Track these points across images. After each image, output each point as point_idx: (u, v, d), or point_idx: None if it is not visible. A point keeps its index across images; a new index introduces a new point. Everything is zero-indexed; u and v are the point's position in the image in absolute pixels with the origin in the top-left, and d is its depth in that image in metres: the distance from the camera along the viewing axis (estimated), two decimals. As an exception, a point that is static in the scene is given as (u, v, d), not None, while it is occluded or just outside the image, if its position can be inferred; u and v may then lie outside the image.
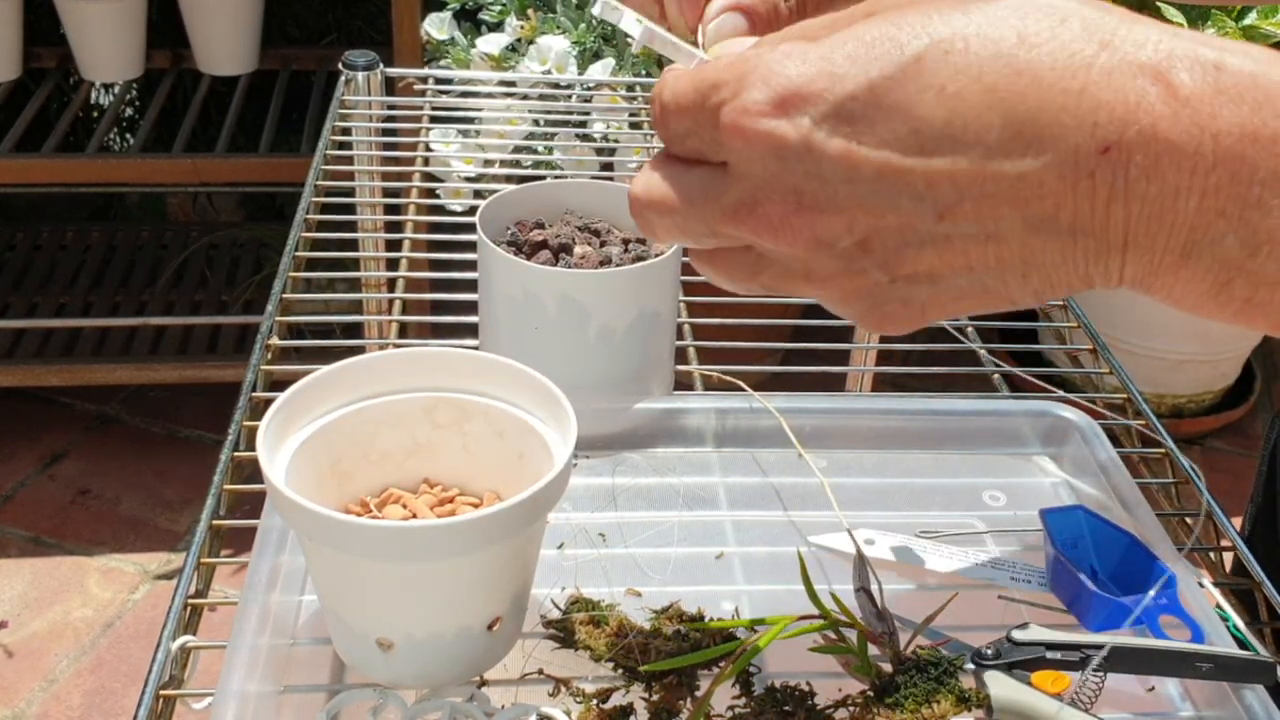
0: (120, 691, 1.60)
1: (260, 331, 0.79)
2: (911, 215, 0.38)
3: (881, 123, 0.37)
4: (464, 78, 1.23)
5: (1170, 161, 0.36)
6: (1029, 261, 0.38)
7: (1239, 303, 0.38)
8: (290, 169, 1.81)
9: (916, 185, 0.37)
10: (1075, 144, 0.36)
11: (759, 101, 0.39)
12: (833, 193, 0.39)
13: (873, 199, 0.38)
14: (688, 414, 0.71)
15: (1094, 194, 0.36)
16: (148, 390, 2.09)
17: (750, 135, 0.39)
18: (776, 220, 0.40)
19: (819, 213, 0.39)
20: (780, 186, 0.39)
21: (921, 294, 0.40)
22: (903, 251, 0.39)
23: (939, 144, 0.37)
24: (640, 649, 0.54)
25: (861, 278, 0.40)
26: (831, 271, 0.41)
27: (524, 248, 0.71)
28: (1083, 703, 0.52)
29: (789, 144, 0.38)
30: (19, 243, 2.17)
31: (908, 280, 0.40)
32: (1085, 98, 0.36)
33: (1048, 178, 0.36)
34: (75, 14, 1.91)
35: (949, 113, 0.37)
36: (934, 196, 0.37)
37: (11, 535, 1.83)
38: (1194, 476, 0.71)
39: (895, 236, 0.39)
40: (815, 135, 0.38)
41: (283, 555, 0.58)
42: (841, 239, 0.39)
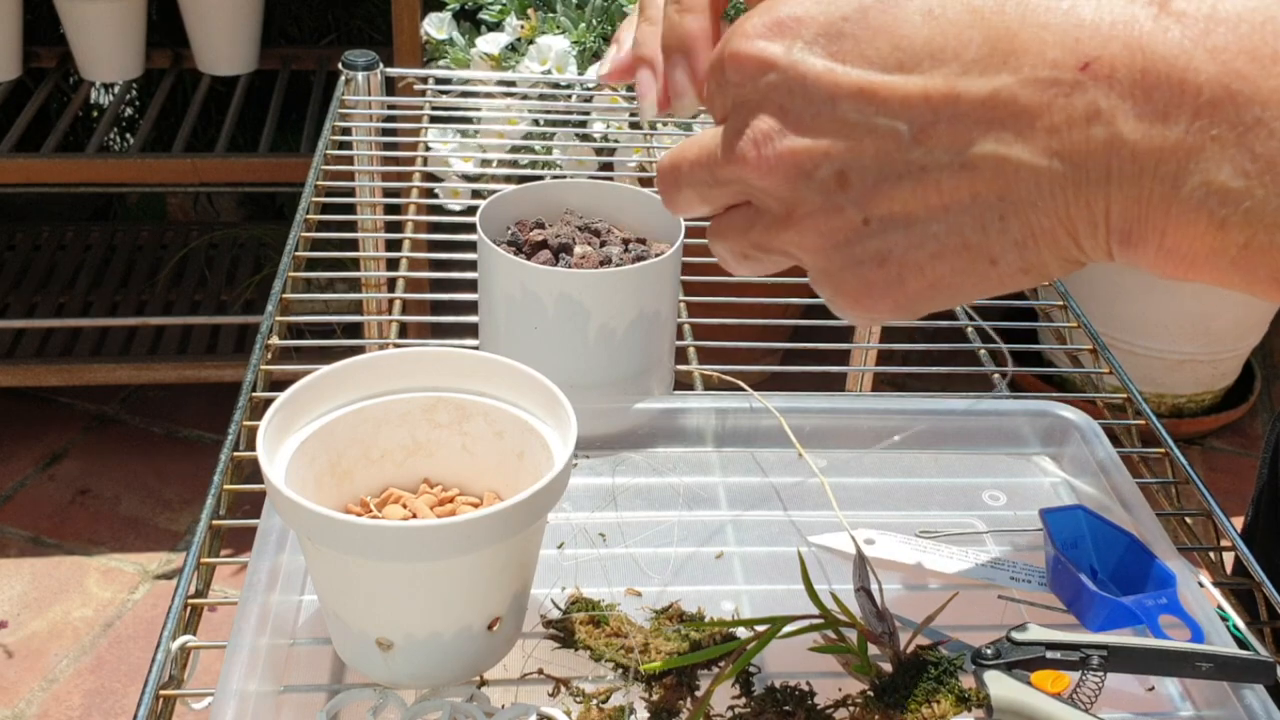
0: (120, 691, 1.60)
1: (260, 331, 0.79)
2: (887, 138, 0.38)
3: (866, 41, 0.38)
4: (464, 77, 1.23)
5: (1157, 76, 0.34)
6: (1004, 198, 0.37)
7: (1236, 249, 0.34)
8: (290, 169, 1.81)
9: (892, 104, 0.37)
10: (1053, 59, 0.35)
11: (756, 25, 0.40)
12: (815, 113, 0.39)
13: (852, 119, 0.38)
14: (687, 414, 0.71)
15: (1071, 111, 0.35)
16: (147, 390, 2.09)
17: (743, 56, 0.40)
18: (760, 139, 0.40)
19: (801, 133, 0.39)
20: (768, 105, 0.40)
21: (896, 245, 0.39)
22: (880, 186, 0.39)
23: (918, 61, 0.37)
24: (640, 649, 0.54)
25: (838, 216, 0.40)
26: (810, 208, 0.40)
27: (524, 247, 0.71)
28: (1083, 702, 0.52)
29: (777, 61, 0.39)
30: (18, 242, 2.17)
31: (881, 223, 0.39)
32: (1069, 15, 0.35)
33: (1022, 92, 0.35)
34: (75, 14, 1.91)
35: (931, 31, 0.37)
36: (909, 116, 0.37)
37: (11, 535, 1.83)
38: (1194, 476, 0.71)
39: (873, 168, 0.39)
40: (801, 52, 0.39)
41: (282, 555, 0.58)
42: (821, 166, 0.39)
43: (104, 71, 1.99)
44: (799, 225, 0.41)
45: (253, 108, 2.04)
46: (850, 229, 0.40)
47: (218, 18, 1.96)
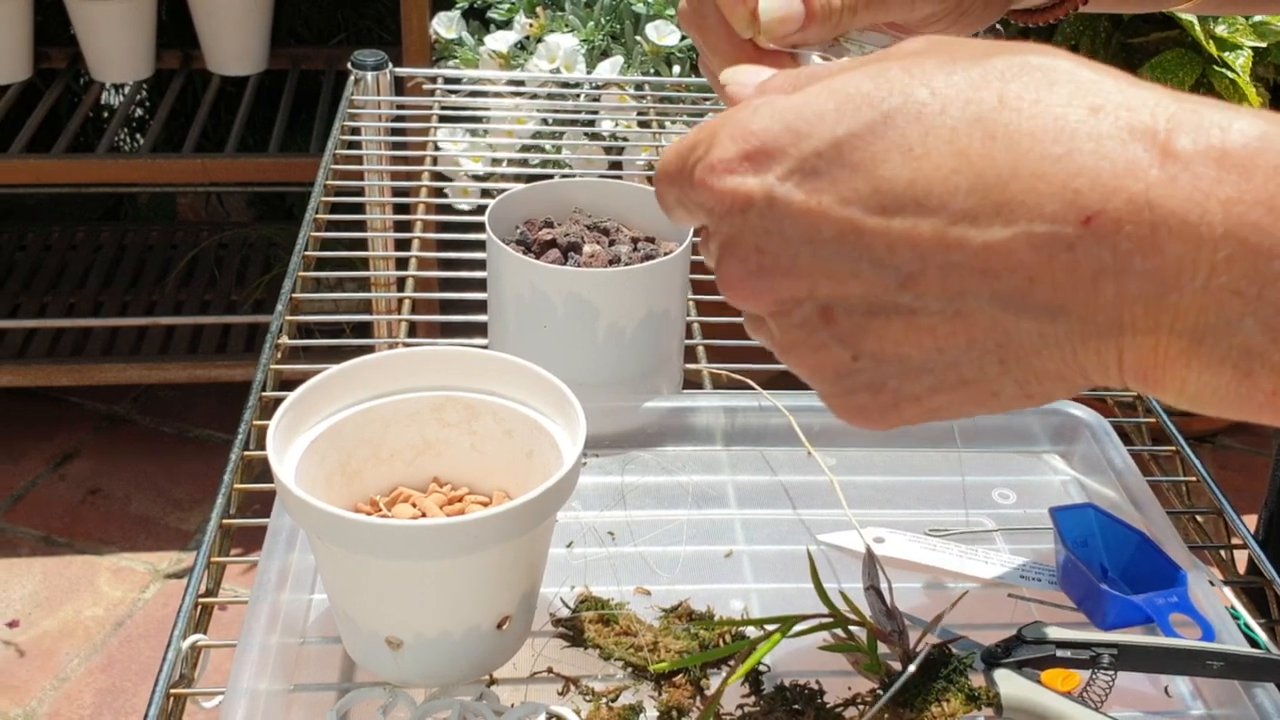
0: (131, 690, 1.60)
1: (270, 331, 0.79)
2: (873, 282, 0.36)
3: (844, 180, 0.35)
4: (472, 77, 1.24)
5: (1169, 232, 0.32)
6: (1003, 345, 0.35)
7: (1264, 395, 0.33)
8: (300, 169, 1.81)
9: (877, 249, 0.35)
10: (1051, 212, 0.32)
11: (725, 158, 0.38)
12: (794, 253, 0.37)
13: (834, 262, 0.36)
14: (697, 412, 0.71)
15: (1075, 269, 0.33)
16: (158, 390, 2.10)
17: (715, 191, 0.38)
18: (736, 280, 0.39)
19: (780, 275, 0.37)
20: (743, 244, 0.38)
21: (891, 379, 0.38)
22: (867, 324, 0.37)
23: (901, 205, 0.35)
24: (649, 647, 0.54)
25: (824, 353, 0.38)
26: (795, 340, 0.39)
27: (533, 246, 0.71)
28: (1093, 701, 0.51)
29: (751, 199, 0.37)
30: (29, 243, 2.18)
31: (874, 359, 0.37)
32: (1065, 163, 0.33)
33: (1019, 248, 0.33)
34: (85, 14, 1.92)
35: (913, 174, 0.34)
36: (895, 262, 0.35)
37: (22, 534, 1.83)
38: (1204, 474, 0.71)
39: (860, 306, 0.37)
40: (778, 190, 0.36)
41: (292, 554, 0.58)
42: (803, 305, 0.38)
43: (114, 72, 1.99)
44: (785, 353, 0.40)
45: (262, 108, 2.05)
46: (839, 363, 0.38)
47: (227, 18, 1.96)
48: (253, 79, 2.03)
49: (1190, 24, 1.59)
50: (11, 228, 2.22)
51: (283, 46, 2.12)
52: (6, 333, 1.95)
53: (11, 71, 1.96)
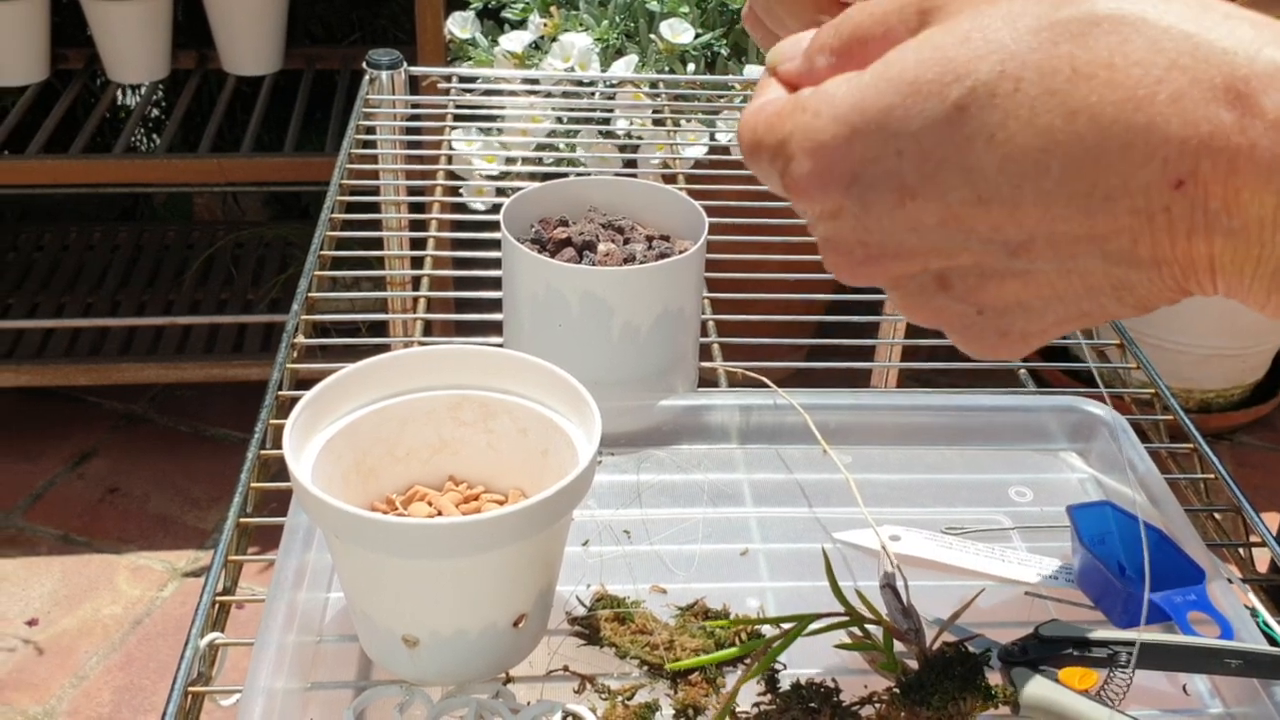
0: (149, 688, 1.61)
1: (286, 330, 0.80)
2: (983, 255, 0.37)
3: (932, 175, 0.35)
4: (487, 76, 1.24)
5: (1252, 194, 0.33)
6: (1119, 287, 0.36)
7: None
8: (315, 168, 1.82)
9: (981, 230, 0.36)
10: (1145, 182, 0.33)
11: (802, 176, 0.38)
12: (899, 241, 0.37)
13: (941, 243, 0.37)
14: (712, 410, 0.71)
15: (1171, 228, 0.34)
16: (175, 389, 2.11)
17: (804, 202, 0.39)
18: (846, 270, 0.39)
19: (889, 259, 0.38)
20: (846, 241, 0.38)
21: (1016, 323, 0.39)
22: (983, 285, 0.38)
23: (996, 191, 0.35)
24: (665, 646, 0.54)
25: (947, 311, 0.39)
26: (915, 304, 0.40)
27: (548, 245, 0.72)
28: (1111, 699, 0.51)
29: (843, 212, 0.37)
30: (47, 243, 2.19)
31: (996, 311, 0.38)
32: (1151, 133, 0.33)
33: (1119, 214, 0.34)
34: (101, 15, 1.92)
35: (1001, 159, 0.34)
36: (1002, 238, 0.36)
37: (41, 534, 1.84)
38: (1222, 472, 0.70)
39: (973, 273, 0.38)
40: (868, 198, 0.37)
41: (309, 553, 0.58)
42: (917, 277, 0.39)
43: (131, 73, 2.00)
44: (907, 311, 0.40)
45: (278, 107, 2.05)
46: (962, 318, 0.39)
47: (243, 18, 1.97)
48: (268, 79, 2.04)
49: None
50: (29, 228, 2.23)
51: (298, 46, 2.12)
52: (25, 332, 1.96)
53: (29, 72, 1.97)
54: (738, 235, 0.95)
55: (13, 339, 1.94)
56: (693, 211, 0.72)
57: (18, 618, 1.70)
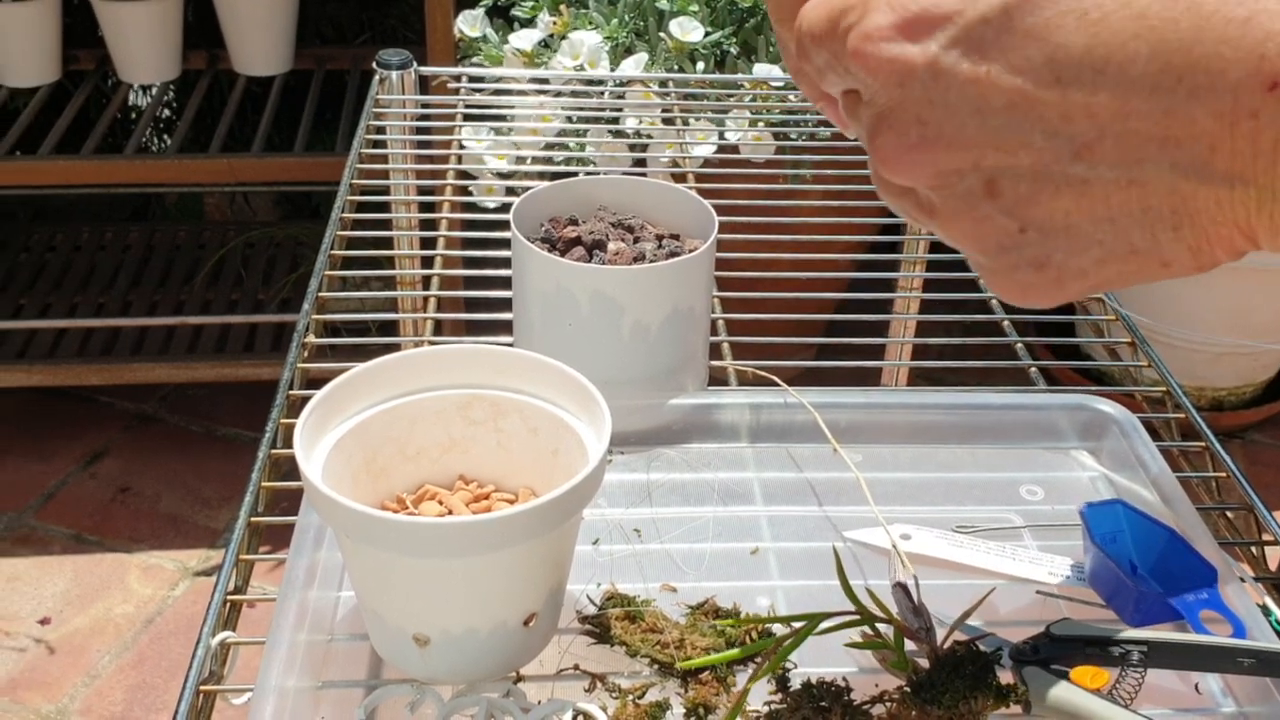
0: (161, 687, 1.61)
1: (297, 329, 0.80)
2: (1044, 152, 0.34)
3: (1015, 48, 0.34)
4: (497, 75, 1.24)
5: None
6: (1179, 211, 0.34)
7: None
8: (325, 168, 1.82)
9: (1050, 118, 0.34)
10: (1236, 79, 0.31)
11: (883, 25, 0.36)
12: (959, 124, 0.35)
13: (1003, 132, 0.35)
14: (722, 409, 0.71)
15: (1257, 136, 0.32)
16: (186, 389, 2.11)
17: (873, 60, 0.36)
18: (894, 152, 0.37)
19: (943, 146, 0.36)
20: (903, 115, 0.36)
21: (1057, 251, 0.36)
22: (1035, 194, 0.35)
23: (1078, 73, 0.33)
24: (676, 645, 0.54)
25: (988, 224, 0.37)
26: (955, 211, 0.37)
27: (558, 244, 0.72)
28: (1123, 699, 0.51)
29: (913, 69, 0.35)
30: (59, 243, 2.19)
31: (1040, 231, 0.36)
32: (1251, 27, 0.31)
33: (1200, 115, 0.32)
34: (113, 17, 1.93)
35: (1090, 39, 0.33)
36: (1070, 131, 0.34)
37: (54, 533, 1.85)
38: (1234, 470, 0.70)
39: (1027, 177, 0.35)
40: (943, 60, 0.35)
41: (320, 552, 0.58)
42: (966, 177, 0.36)
43: (141, 73, 2.00)
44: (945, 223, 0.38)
45: (288, 108, 2.05)
46: (1003, 234, 0.37)
47: (253, 18, 1.97)
48: (278, 79, 2.04)
49: None
50: (41, 228, 2.24)
51: (308, 46, 2.13)
52: (37, 333, 1.96)
53: (41, 73, 1.98)
54: (748, 234, 0.95)
55: (25, 339, 1.95)
56: (702, 210, 0.72)
57: (30, 617, 1.70)
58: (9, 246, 2.17)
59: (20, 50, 1.94)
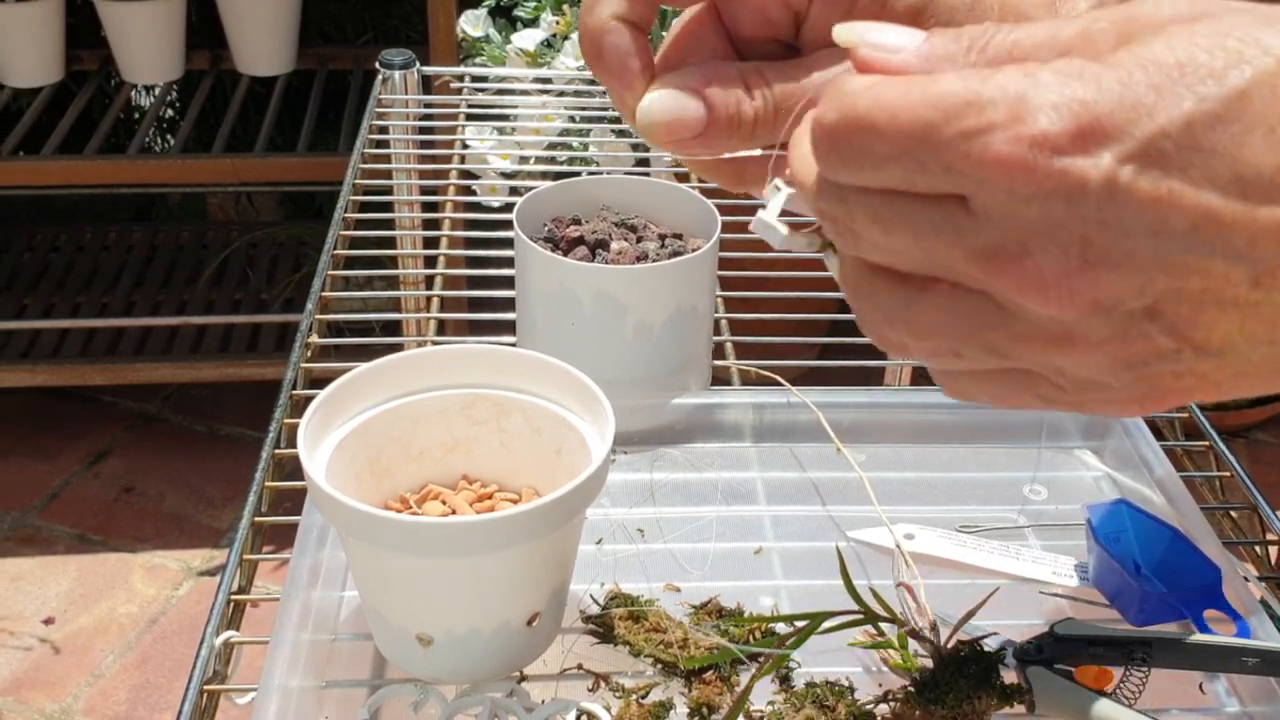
0: (165, 686, 1.62)
1: (300, 329, 0.80)
2: (1221, 278, 0.32)
3: (1199, 165, 0.31)
4: (499, 75, 1.24)
5: None
6: None
7: None
8: (328, 168, 1.82)
9: (1237, 242, 0.31)
10: None
11: (1052, 132, 0.31)
12: (1131, 247, 0.31)
13: (1179, 255, 0.31)
14: (725, 409, 0.71)
15: None
16: (190, 388, 2.12)
17: (1038, 173, 0.31)
18: (1051, 278, 0.32)
19: (1108, 270, 0.32)
20: (1064, 236, 0.32)
21: (1204, 367, 0.33)
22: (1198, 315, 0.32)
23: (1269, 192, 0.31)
24: (679, 644, 0.54)
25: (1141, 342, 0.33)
26: (1103, 337, 0.33)
27: (560, 244, 0.72)
28: (1127, 698, 0.51)
29: (1087, 186, 0.31)
30: (63, 243, 2.20)
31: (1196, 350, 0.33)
32: None
33: None
34: (115, 17, 1.93)
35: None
36: (1255, 255, 0.31)
37: (58, 533, 1.85)
38: (1238, 469, 0.70)
39: (1193, 300, 0.32)
40: (1120, 175, 0.31)
41: (323, 551, 0.58)
42: (1128, 302, 0.32)
43: (145, 73, 2.01)
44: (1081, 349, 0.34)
45: (291, 108, 2.05)
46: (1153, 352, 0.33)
47: (256, 19, 1.97)
48: (281, 79, 2.04)
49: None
50: (45, 228, 2.24)
51: (310, 46, 2.13)
52: (41, 333, 1.97)
53: (44, 74, 1.98)
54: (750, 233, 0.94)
55: (29, 339, 1.95)
56: (705, 210, 0.72)
57: (34, 616, 1.71)
58: (12, 247, 2.17)
59: (23, 50, 1.94)
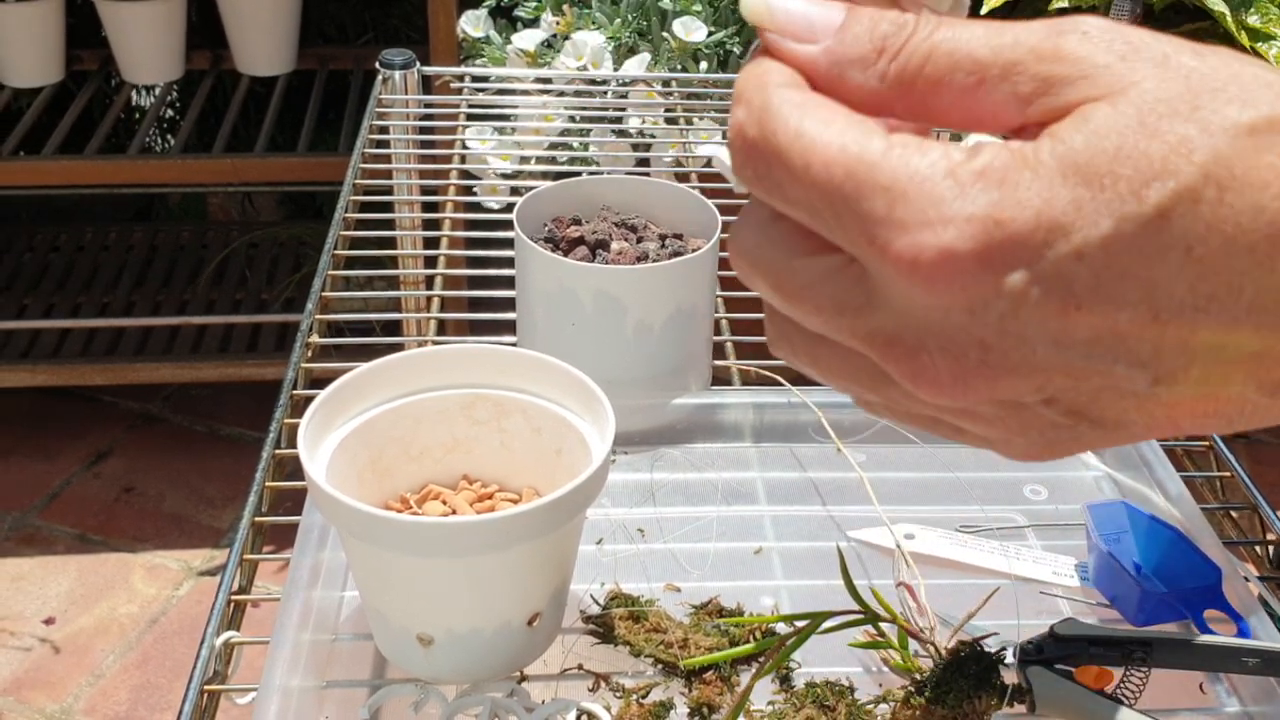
0: (165, 686, 1.62)
1: (300, 329, 0.80)
2: (1122, 379, 0.31)
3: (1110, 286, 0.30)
4: (500, 75, 1.24)
5: None
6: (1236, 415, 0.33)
7: None
8: (329, 168, 1.82)
9: (1141, 353, 0.31)
10: None
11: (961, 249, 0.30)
12: (1028, 353, 0.31)
13: (1079, 363, 0.31)
14: (725, 409, 0.71)
15: None
16: (190, 389, 2.12)
17: (940, 285, 0.30)
18: (946, 377, 0.32)
19: (1006, 373, 0.31)
20: (963, 339, 0.31)
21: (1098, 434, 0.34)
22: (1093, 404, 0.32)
23: (1178, 312, 0.30)
24: (679, 644, 0.54)
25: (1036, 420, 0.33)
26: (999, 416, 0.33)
27: (561, 244, 0.72)
28: (1127, 698, 0.51)
29: (991, 303, 0.30)
30: (63, 243, 2.20)
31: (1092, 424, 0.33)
32: None
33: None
34: (116, 17, 1.93)
35: (1195, 279, 0.30)
36: (1158, 364, 0.31)
37: (58, 533, 1.85)
38: (1239, 469, 0.70)
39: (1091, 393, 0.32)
40: (1029, 295, 0.30)
41: (324, 551, 0.58)
42: (1024, 398, 0.32)
43: (145, 74, 2.01)
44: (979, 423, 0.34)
45: (291, 108, 2.06)
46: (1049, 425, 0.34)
47: (256, 19, 1.97)
48: (281, 79, 2.04)
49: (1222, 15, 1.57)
50: (45, 228, 2.24)
51: (311, 46, 2.13)
52: (41, 333, 1.97)
53: (44, 74, 1.98)
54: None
55: (29, 339, 1.95)
56: (705, 210, 0.72)
57: (35, 616, 1.71)
58: (13, 247, 2.17)
59: (23, 50, 1.94)
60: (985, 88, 0.31)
